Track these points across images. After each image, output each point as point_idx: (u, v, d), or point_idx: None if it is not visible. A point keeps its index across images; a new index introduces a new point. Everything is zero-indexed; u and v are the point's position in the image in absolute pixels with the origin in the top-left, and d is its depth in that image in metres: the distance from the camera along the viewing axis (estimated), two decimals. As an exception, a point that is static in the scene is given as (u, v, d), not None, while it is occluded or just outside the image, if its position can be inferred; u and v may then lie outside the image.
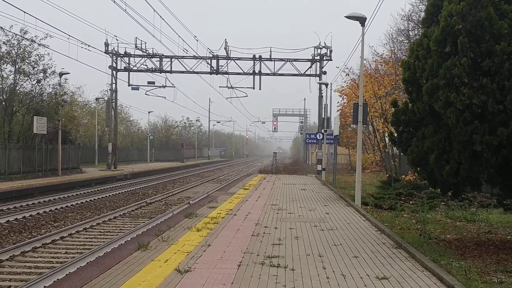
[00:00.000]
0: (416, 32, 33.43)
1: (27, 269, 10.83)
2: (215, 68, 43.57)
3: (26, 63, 33.63)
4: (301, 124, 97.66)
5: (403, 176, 26.93)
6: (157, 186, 33.76)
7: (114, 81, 44.49)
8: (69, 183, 29.76)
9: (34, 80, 34.29)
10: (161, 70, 43.80)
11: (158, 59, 43.40)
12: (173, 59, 43.35)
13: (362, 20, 18.89)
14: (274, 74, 43.41)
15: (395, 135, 12.07)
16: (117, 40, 49.03)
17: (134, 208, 21.10)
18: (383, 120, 34.18)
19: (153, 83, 46.12)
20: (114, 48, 43.38)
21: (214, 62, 43.49)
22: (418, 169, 11.50)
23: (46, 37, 33.50)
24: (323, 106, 41.10)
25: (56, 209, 20.13)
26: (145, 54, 43.08)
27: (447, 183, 10.71)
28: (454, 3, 9.80)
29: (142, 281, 7.69)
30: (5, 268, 10.92)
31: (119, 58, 43.94)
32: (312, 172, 45.08)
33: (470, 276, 8.12)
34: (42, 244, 13.23)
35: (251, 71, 43.54)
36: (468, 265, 8.95)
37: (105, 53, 42.64)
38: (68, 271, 10.01)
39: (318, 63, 43.39)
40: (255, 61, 43.25)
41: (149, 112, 75.09)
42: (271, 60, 43.25)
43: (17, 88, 34.29)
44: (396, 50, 37.87)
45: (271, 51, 43.11)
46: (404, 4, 46.98)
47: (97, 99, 57.96)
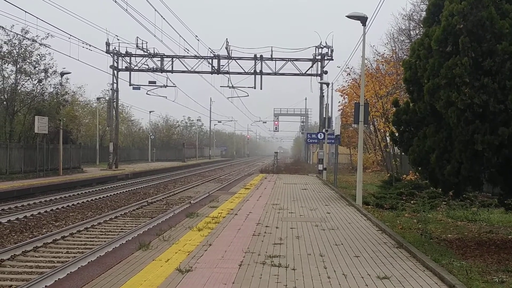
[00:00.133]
0: (417, 31, 33.44)
1: (28, 269, 10.83)
2: (216, 67, 43.55)
3: (27, 63, 33.63)
4: (302, 124, 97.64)
5: (404, 176, 26.91)
6: (158, 185, 33.78)
7: (115, 81, 44.49)
8: (70, 182, 29.79)
9: (35, 80, 34.32)
10: (162, 70, 43.78)
11: (159, 58, 43.39)
12: (174, 59, 43.34)
13: (363, 19, 18.89)
14: (275, 74, 43.36)
15: (396, 134, 12.07)
16: (118, 39, 48.84)
17: (135, 208, 21.11)
18: (384, 119, 34.20)
19: (154, 82, 46.12)
20: (115, 47, 43.39)
21: (215, 61, 43.50)
22: (419, 168, 11.50)
23: (47, 36, 33.59)
24: (324, 105, 41.15)
25: (57, 208, 20.15)
26: (146, 53, 43.06)
27: (448, 183, 10.71)
28: (455, 3, 9.80)
29: (143, 281, 7.70)
30: (6, 267, 10.92)
31: (120, 58, 43.94)
32: (313, 172, 45.07)
33: (471, 276, 8.12)
34: (43, 243, 13.24)
35: (252, 71, 43.50)
36: (469, 264, 8.95)
37: (106, 52, 42.62)
38: (69, 271, 10.01)
39: (319, 63, 43.33)
40: (256, 61, 43.20)
41: (150, 112, 75.20)
42: (272, 60, 43.21)
43: (19, 87, 34.30)
44: (397, 50, 37.89)
45: (272, 51, 43.11)
46: (405, 4, 47.07)
47: (98, 98, 57.95)
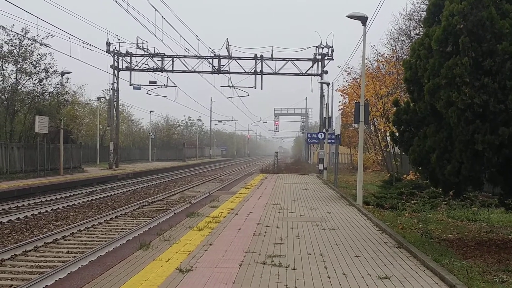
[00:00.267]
0: (418, 31, 33.43)
1: (29, 269, 10.84)
2: (216, 67, 43.56)
3: (28, 63, 33.62)
4: (302, 124, 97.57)
5: (405, 176, 26.91)
6: (159, 185, 33.78)
7: (115, 81, 44.49)
8: (71, 182, 29.79)
9: (35, 80, 34.30)
10: (162, 70, 43.79)
11: (160, 58, 43.40)
12: (174, 59, 43.34)
13: (363, 19, 18.88)
14: (276, 74, 43.35)
15: (397, 134, 12.07)
16: (118, 39, 48.86)
17: (136, 208, 21.11)
18: (384, 119, 34.19)
19: (155, 82, 46.14)
20: (115, 47, 43.40)
21: (215, 61, 43.50)
22: (420, 168, 11.51)
23: (48, 36, 33.60)
24: (325, 105, 41.11)
25: (58, 208, 20.15)
26: (146, 53, 43.06)
27: (448, 183, 10.71)
28: (456, 3, 9.80)
29: (143, 280, 7.70)
30: (6, 267, 10.93)
31: (120, 58, 43.94)
32: (313, 172, 45.07)
33: (472, 276, 8.12)
34: (44, 243, 13.25)
35: (253, 71, 43.50)
36: (470, 264, 8.95)
37: (106, 52, 42.62)
38: (69, 270, 10.02)
39: (320, 63, 43.33)
40: (257, 61, 43.20)
41: (150, 112, 75.26)
42: (273, 60, 43.21)
43: (19, 87, 34.30)
44: (397, 50, 37.87)
45: (272, 51, 43.09)
46: (406, 4, 47.02)
47: (98, 98, 57.94)
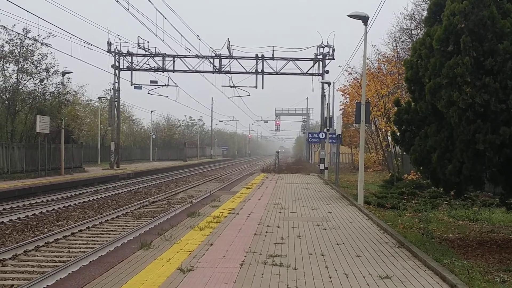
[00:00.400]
0: (419, 31, 33.38)
1: (30, 268, 10.85)
2: (217, 67, 43.55)
3: (29, 62, 33.64)
4: (303, 123, 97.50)
5: (406, 175, 26.90)
6: (160, 185, 33.79)
7: (116, 80, 44.48)
8: (72, 182, 29.81)
9: (37, 79, 34.31)
10: (163, 69, 43.79)
11: (161, 58, 43.38)
12: (175, 58, 43.33)
13: (364, 19, 18.87)
14: (277, 73, 43.31)
15: (398, 134, 12.06)
16: (119, 39, 48.88)
17: (137, 207, 21.12)
18: (385, 119, 34.16)
19: (156, 82, 46.13)
20: (116, 47, 43.38)
21: (216, 61, 43.50)
22: (421, 168, 11.50)
23: (49, 36, 33.55)
24: (326, 105, 41.10)
25: (59, 208, 20.16)
26: (147, 53, 43.06)
27: (449, 182, 10.70)
28: (457, 2, 9.79)
29: (144, 280, 7.71)
30: (8, 267, 10.94)
31: (121, 57, 43.94)
32: (314, 171, 45.08)
33: (473, 275, 8.12)
34: (45, 243, 13.26)
35: (254, 70, 43.48)
36: (471, 264, 8.95)
37: (107, 52, 42.62)
38: (71, 270, 10.02)
39: (321, 62, 43.30)
40: (258, 60, 43.19)
41: (151, 111, 75.23)
42: (274, 59, 43.17)
43: (20, 87, 34.33)
44: (398, 49, 37.82)
45: (273, 50, 43.03)
46: (407, 3, 47.10)
47: (99, 98, 57.97)
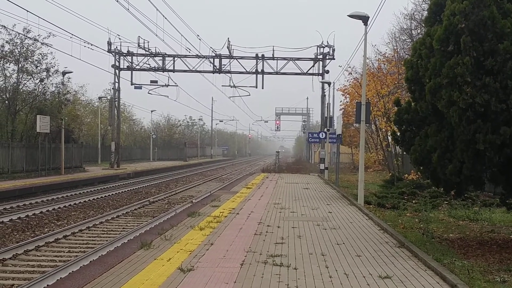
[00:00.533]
0: (419, 31, 33.37)
1: (30, 268, 10.85)
2: (217, 67, 43.54)
3: (29, 62, 33.66)
4: (303, 123, 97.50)
5: (406, 175, 26.90)
6: (160, 185, 33.79)
7: (117, 80, 44.48)
8: (72, 182, 29.81)
9: (37, 79, 34.31)
10: (164, 69, 43.78)
11: (161, 58, 43.35)
12: (176, 58, 43.31)
13: (365, 19, 18.86)
14: (277, 73, 43.29)
15: (398, 134, 12.06)
16: (120, 39, 48.86)
17: (137, 207, 21.13)
18: (386, 119, 34.15)
19: (156, 82, 46.12)
20: (117, 47, 43.36)
21: (216, 61, 43.48)
22: (421, 168, 11.50)
23: (49, 36, 33.57)
24: (326, 105, 41.10)
25: (59, 208, 20.17)
26: (148, 53, 43.04)
27: (450, 182, 10.70)
28: (457, 2, 9.79)
29: (145, 280, 7.71)
30: (8, 267, 10.95)
31: (122, 57, 43.94)
32: (314, 171, 45.09)
33: (473, 275, 8.12)
34: (45, 243, 13.26)
35: (254, 70, 43.45)
36: (471, 264, 8.95)
37: (108, 52, 42.61)
38: (71, 270, 10.03)
39: (321, 62, 43.29)
40: (258, 60, 43.16)
41: (152, 111, 75.21)
42: (274, 59, 43.14)
43: (20, 87, 34.34)
44: (399, 49, 37.82)
45: (273, 50, 42.98)
46: (407, 3, 47.05)
47: (100, 98, 57.96)
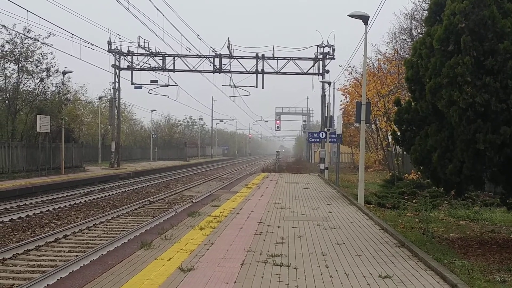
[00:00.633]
0: (419, 30, 33.34)
1: (31, 268, 10.85)
2: (218, 66, 43.53)
3: (29, 62, 33.67)
4: (304, 123, 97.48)
5: (406, 175, 26.89)
6: (160, 184, 33.80)
7: (117, 80, 44.46)
8: (72, 181, 29.81)
9: (37, 79, 34.34)
10: (164, 69, 43.77)
11: (161, 58, 43.34)
12: (176, 58, 43.30)
13: (365, 18, 18.86)
14: (277, 73, 43.28)
15: (398, 133, 12.06)
16: (120, 39, 49.00)
17: (137, 207, 21.13)
18: (386, 118, 34.13)
19: (156, 81, 46.12)
20: (117, 47, 43.33)
21: (217, 61, 43.47)
22: (421, 167, 11.50)
23: (49, 36, 33.57)
24: (326, 104, 41.08)
25: (60, 207, 20.17)
26: (148, 53, 43.03)
27: (450, 182, 10.71)
28: (457, 2, 9.79)
29: (145, 280, 7.71)
30: (8, 266, 10.95)
31: (122, 57, 43.92)
32: (315, 171, 45.07)
33: (473, 275, 8.12)
34: (46, 242, 13.27)
35: (254, 70, 43.43)
36: (471, 264, 8.95)
37: (108, 52, 42.58)
38: (71, 270, 10.04)
39: (321, 62, 43.27)
40: (258, 60, 43.15)
41: (152, 111, 75.21)
42: (274, 59, 43.11)
43: (20, 86, 34.35)
44: (399, 49, 37.78)
45: (273, 50, 42.95)
46: (407, 3, 47.04)
47: (100, 97, 57.95)
